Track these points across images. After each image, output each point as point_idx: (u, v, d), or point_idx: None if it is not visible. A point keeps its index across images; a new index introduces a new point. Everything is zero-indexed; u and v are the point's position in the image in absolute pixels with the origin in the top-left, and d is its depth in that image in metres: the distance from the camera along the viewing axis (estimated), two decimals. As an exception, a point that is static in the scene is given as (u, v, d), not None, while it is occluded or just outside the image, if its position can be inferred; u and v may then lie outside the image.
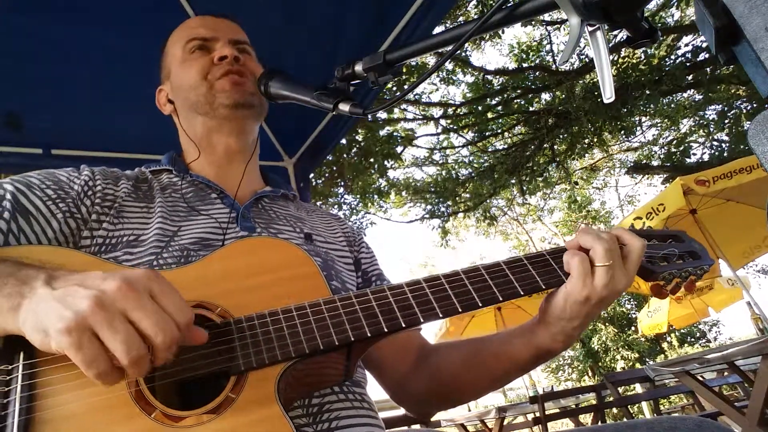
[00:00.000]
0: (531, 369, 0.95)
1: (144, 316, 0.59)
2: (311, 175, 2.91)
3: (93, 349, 0.58)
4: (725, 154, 10.70)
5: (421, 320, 0.78)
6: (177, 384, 0.70)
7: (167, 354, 0.61)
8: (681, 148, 12.21)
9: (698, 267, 0.92)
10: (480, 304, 0.80)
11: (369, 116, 1.05)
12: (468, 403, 1.11)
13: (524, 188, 12.91)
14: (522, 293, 0.81)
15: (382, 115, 10.58)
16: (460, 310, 0.79)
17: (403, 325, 0.76)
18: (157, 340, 0.59)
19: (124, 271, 0.64)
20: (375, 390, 1.19)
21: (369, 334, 0.75)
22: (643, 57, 10.24)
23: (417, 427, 4.02)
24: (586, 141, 11.45)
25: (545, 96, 11.46)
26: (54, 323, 0.58)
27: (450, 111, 12.04)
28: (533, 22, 10.64)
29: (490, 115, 11.45)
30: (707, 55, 9.72)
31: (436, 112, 12.21)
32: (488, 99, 11.24)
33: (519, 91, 11.09)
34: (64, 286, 0.63)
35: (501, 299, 0.81)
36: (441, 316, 0.78)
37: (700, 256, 0.94)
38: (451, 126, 12.32)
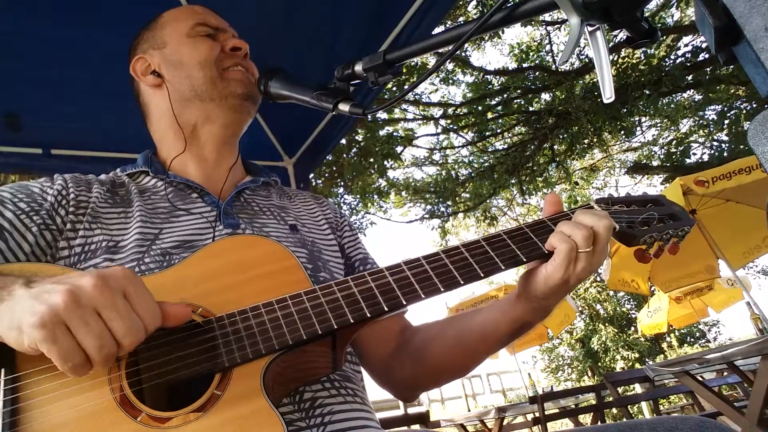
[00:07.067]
0: (512, 341, 0.99)
1: (116, 316, 0.60)
2: (311, 175, 2.91)
3: (67, 343, 0.58)
4: (725, 155, 10.70)
5: (404, 303, 0.77)
6: (165, 384, 0.70)
7: (129, 351, 0.64)
8: (681, 149, 12.20)
9: (679, 228, 0.91)
10: (462, 282, 0.79)
11: (369, 116, 1.05)
12: (451, 381, 1.11)
13: (524, 188, 12.90)
14: (503, 268, 0.81)
15: (382, 115, 10.58)
16: (442, 289, 0.78)
17: (386, 309, 0.76)
18: (125, 342, 0.61)
19: (102, 269, 0.64)
20: (375, 390, 1.19)
21: (352, 321, 0.74)
22: (642, 57, 10.25)
23: (417, 427, 4.02)
24: (586, 141, 11.44)
25: (545, 96, 11.46)
26: (27, 318, 0.58)
27: (450, 111, 12.04)
28: (533, 22, 10.64)
29: (490, 115, 11.45)
30: (707, 56, 9.72)
31: (436, 112, 12.22)
32: (488, 99, 11.23)
33: (519, 91, 11.09)
34: (41, 284, 0.63)
35: (483, 275, 0.80)
36: (423, 297, 0.78)
37: (681, 218, 0.93)
38: (451, 126, 12.32)
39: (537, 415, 4.74)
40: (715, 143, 11.78)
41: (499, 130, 12.19)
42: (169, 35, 1.12)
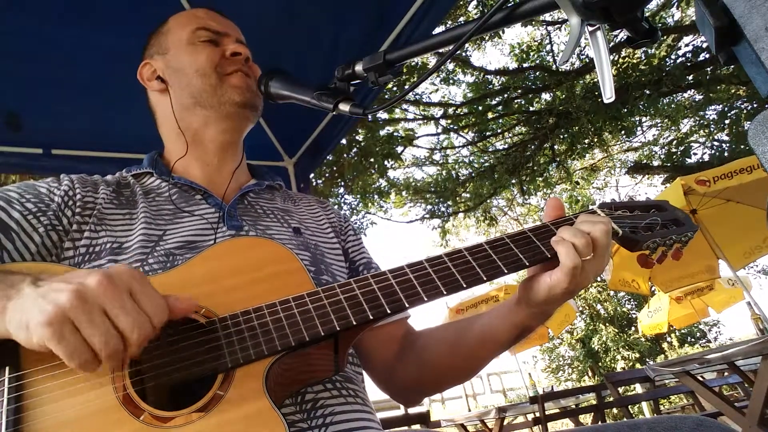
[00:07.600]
0: (513, 345, 0.98)
1: (122, 313, 0.61)
2: (311, 175, 2.91)
3: (74, 340, 0.60)
4: (726, 154, 10.70)
5: (406, 305, 0.77)
6: (167, 384, 0.71)
7: (138, 350, 0.64)
8: (681, 148, 12.20)
9: (683, 234, 0.90)
10: (464, 285, 0.79)
11: (369, 116, 1.05)
12: (454, 385, 1.11)
13: (524, 188, 12.90)
14: (506, 271, 0.81)
15: (383, 115, 10.57)
16: (444, 292, 0.78)
17: (389, 312, 0.76)
18: (132, 338, 0.62)
19: (108, 267, 0.65)
20: (376, 390, 1.19)
21: (354, 323, 0.74)
22: (643, 57, 10.24)
23: (417, 427, 4.02)
24: (587, 141, 11.44)
25: (545, 96, 11.46)
26: (35, 317, 0.60)
27: (450, 111, 12.04)
28: (534, 22, 10.64)
29: (490, 115, 11.44)
30: (707, 55, 9.71)
31: (437, 112, 12.22)
32: (488, 99, 11.23)
33: (519, 91, 11.08)
34: (49, 283, 0.64)
35: (485, 279, 0.80)
36: (425, 299, 0.78)
37: (684, 223, 0.93)
38: (452, 126, 12.32)
39: (537, 415, 4.74)
40: (715, 143, 11.78)
41: (499, 130, 12.19)
42: (171, 41, 1.13)
